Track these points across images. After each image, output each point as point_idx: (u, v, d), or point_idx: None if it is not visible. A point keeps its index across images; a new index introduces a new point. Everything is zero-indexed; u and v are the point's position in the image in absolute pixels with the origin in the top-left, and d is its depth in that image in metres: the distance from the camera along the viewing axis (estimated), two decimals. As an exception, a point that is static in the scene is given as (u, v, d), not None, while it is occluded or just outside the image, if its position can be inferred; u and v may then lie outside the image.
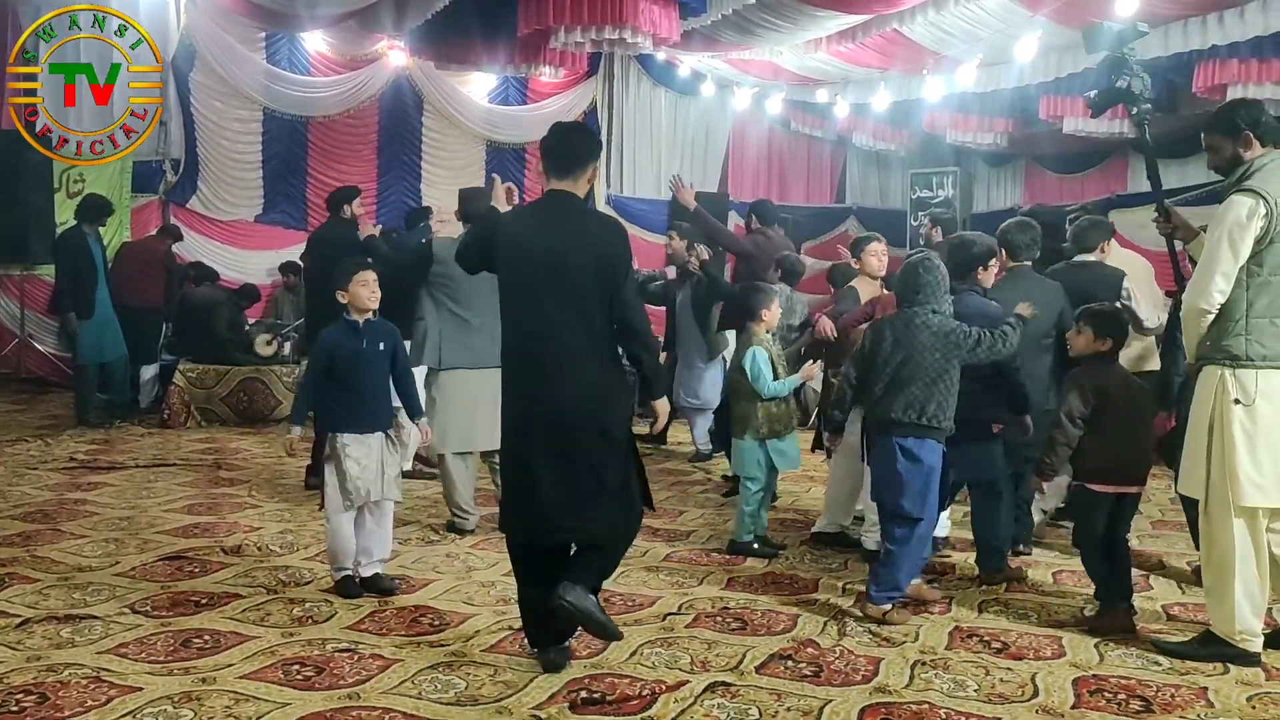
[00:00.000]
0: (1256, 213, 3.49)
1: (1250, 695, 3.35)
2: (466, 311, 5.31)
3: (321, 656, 3.53)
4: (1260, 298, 3.53)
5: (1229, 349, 3.57)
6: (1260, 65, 8.58)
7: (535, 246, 3.41)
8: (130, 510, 5.69)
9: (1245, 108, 3.75)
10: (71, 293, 8.36)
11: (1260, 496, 3.54)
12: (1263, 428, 3.53)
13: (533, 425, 3.41)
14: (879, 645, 3.78)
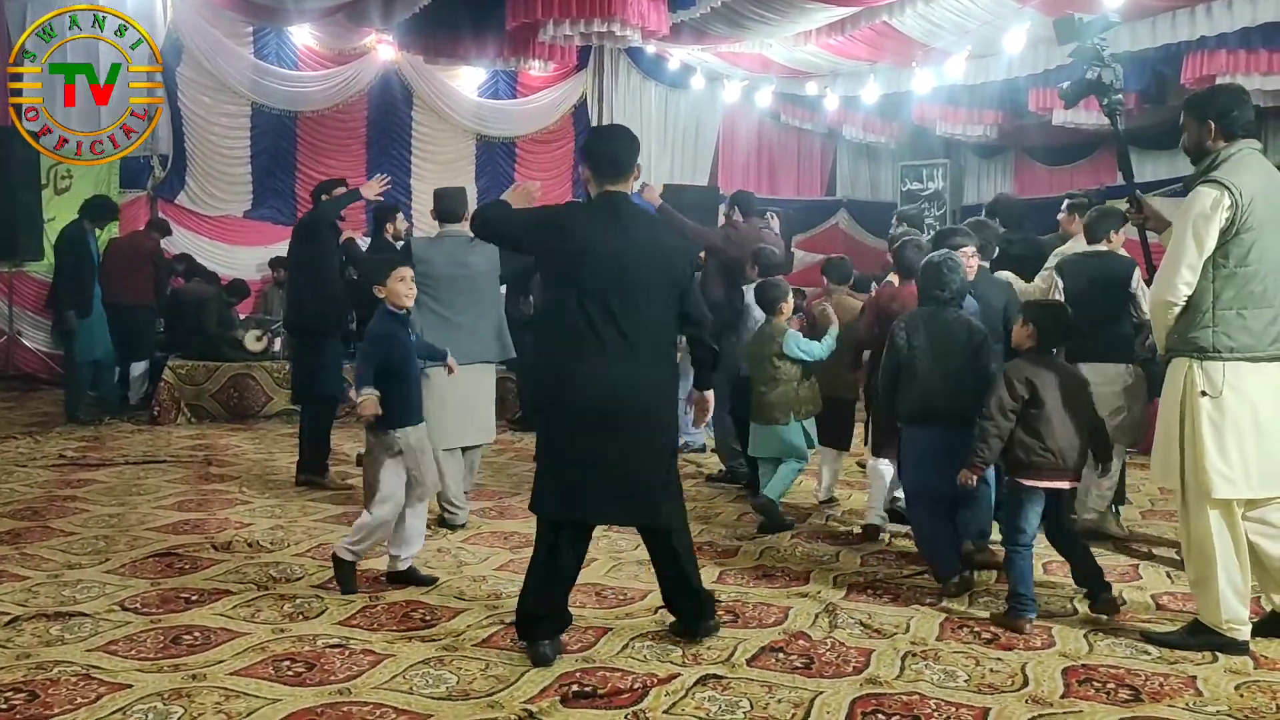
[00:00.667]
0: (1221, 204, 3.48)
1: (1239, 684, 3.36)
2: (447, 309, 5.40)
3: (312, 652, 3.53)
4: (1226, 290, 3.52)
5: (1196, 341, 3.56)
6: (1248, 56, 8.62)
7: (607, 247, 3.50)
8: (120, 507, 5.67)
9: (1220, 97, 3.73)
10: (72, 290, 8.38)
11: (1229, 489, 3.54)
12: (1230, 420, 3.53)
13: (598, 412, 3.48)
14: (870, 637, 3.79)
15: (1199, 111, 3.70)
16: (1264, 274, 3.51)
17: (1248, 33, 8.41)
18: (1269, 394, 3.58)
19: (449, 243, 5.61)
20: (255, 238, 10.91)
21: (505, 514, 5.79)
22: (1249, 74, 8.64)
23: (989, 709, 3.14)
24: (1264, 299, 3.52)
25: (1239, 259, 3.50)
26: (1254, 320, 3.52)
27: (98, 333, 8.50)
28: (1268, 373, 3.57)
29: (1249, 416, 3.55)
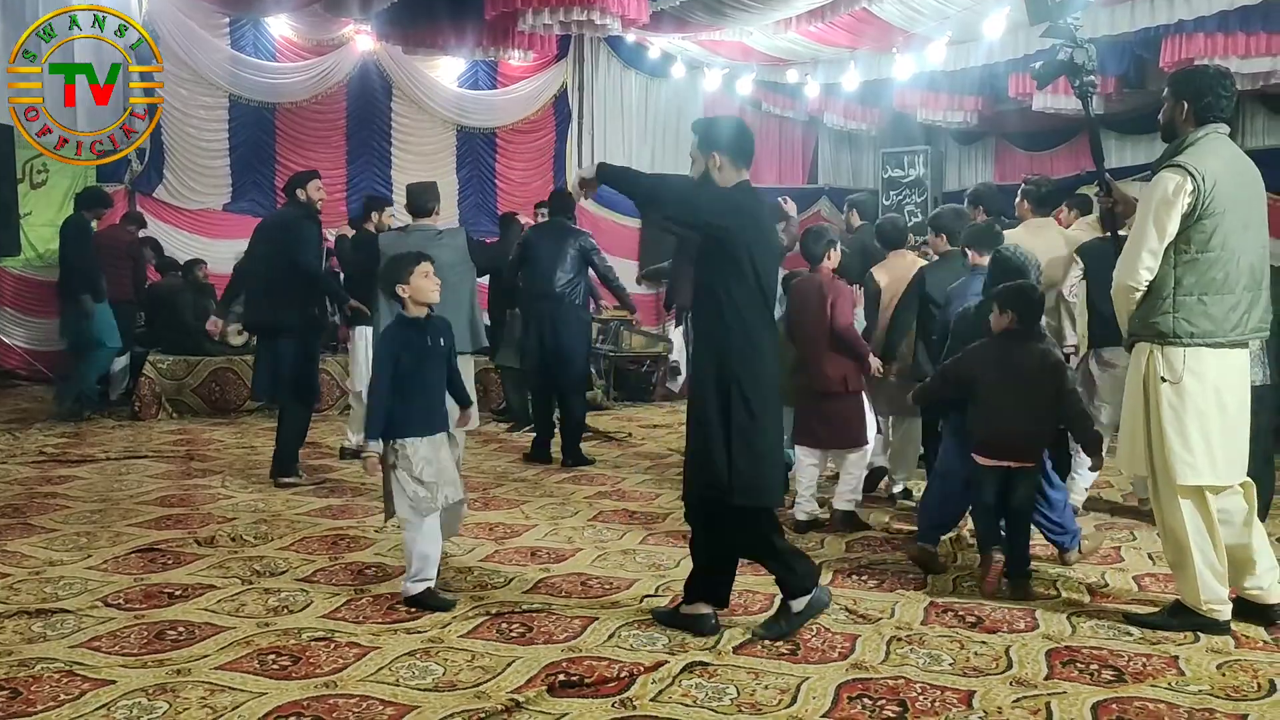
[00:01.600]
0: (1184, 189, 3.47)
1: (1220, 663, 3.39)
2: None
3: (297, 645, 3.51)
4: (1188, 275, 3.52)
5: (1157, 326, 3.56)
6: (1226, 39, 8.66)
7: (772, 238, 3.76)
8: (101, 503, 5.63)
9: (1198, 80, 3.69)
10: (88, 277, 8.43)
11: (1193, 475, 3.56)
12: (1191, 406, 3.54)
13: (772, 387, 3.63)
14: (855, 623, 3.80)
15: (1176, 90, 3.70)
16: (1226, 260, 3.51)
17: (1225, 16, 8.45)
18: (1230, 380, 3.60)
19: (416, 236, 5.74)
20: (235, 231, 10.78)
21: (490, 505, 5.78)
22: (1226, 57, 8.68)
23: (974, 691, 3.16)
24: (1225, 285, 3.52)
25: (1201, 245, 3.50)
26: (1215, 306, 3.52)
27: (109, 320, 8.55)
28: (1229, 359, 3.59)
29: (1211, 402, 3.56)
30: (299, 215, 6.22)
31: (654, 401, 10.36)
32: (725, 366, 3.53)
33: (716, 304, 3.55)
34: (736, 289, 3.52)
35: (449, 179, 12.17)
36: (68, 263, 8.49)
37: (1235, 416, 3.63)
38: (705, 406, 3.57)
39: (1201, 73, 3.77)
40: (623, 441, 8.04)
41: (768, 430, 3.57)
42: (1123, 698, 3.12)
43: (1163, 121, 3.75)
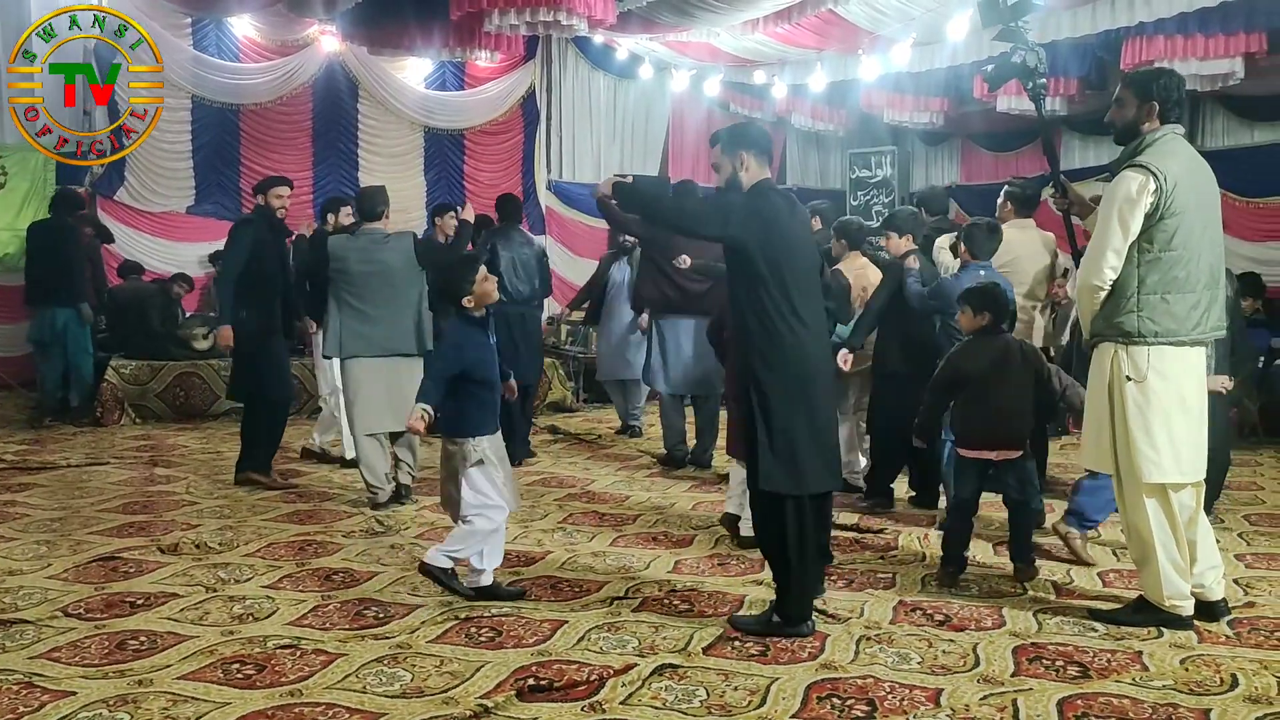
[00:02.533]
0: (1146, 189, 3.50)
1: (1183, 658, 3.43)
2: (364, 304, 5.70)
3: (262, 654, 3.47)
4: (1151, 274, 3.55)
5: (1121, 325, 3.60)
6: (1185, 41, 8.77)
7: (795, 236, 3.81)
8: (62, 511, 5.54)
9: (1165, 79, 3.74)
10: (87, 282, 8.48)
11: (1158, 473, 3.60)
12: (1155, 404, 3.58)
13: (815, 381, 3.74)
14: (825, 622, 3.80)
15: (1143, 90, 3.69)
16: (1187, 259, 3.54)
17: (1185, 18, 8.55)
18: (1192, 378, 3.65)
19: (363, 240, 5.84)
20: (199, 234, 10.67)
21: (459, 509, 5.73)
22: (1186, 59, 8.80)
23: (942, 690, 3.18)
24: (1187, 284, 3.55)
25: (1163, 244, 3.53)
26: (1177, 305, 3.55)
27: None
28: (1190, 357, 3.64)
29: (1175, 401, 3.60)
30: (249, 219, 6.25)
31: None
32: (748, 366, 3.72)
33: (739, 308, 3.75)
34: (756, 293, 3.67)
35: (416, 180, 12.08)
36: (55, 268, 8.36)
37: (1197, 414, 3.67)
38: (738, 404, 4.00)
39: (1165, 73, 3.81)
40: (592, 443, 8.03)
41: (791, 427, 3.65)
42: (1088, 694, 3.15)
43: (1120, 123, 3.76)
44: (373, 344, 5.67)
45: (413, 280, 5.82)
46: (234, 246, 6.11)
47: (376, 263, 5.71)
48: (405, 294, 5.77)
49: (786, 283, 3.66)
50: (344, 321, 5.69)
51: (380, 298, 5.69)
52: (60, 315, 8.37)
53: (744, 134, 3.91)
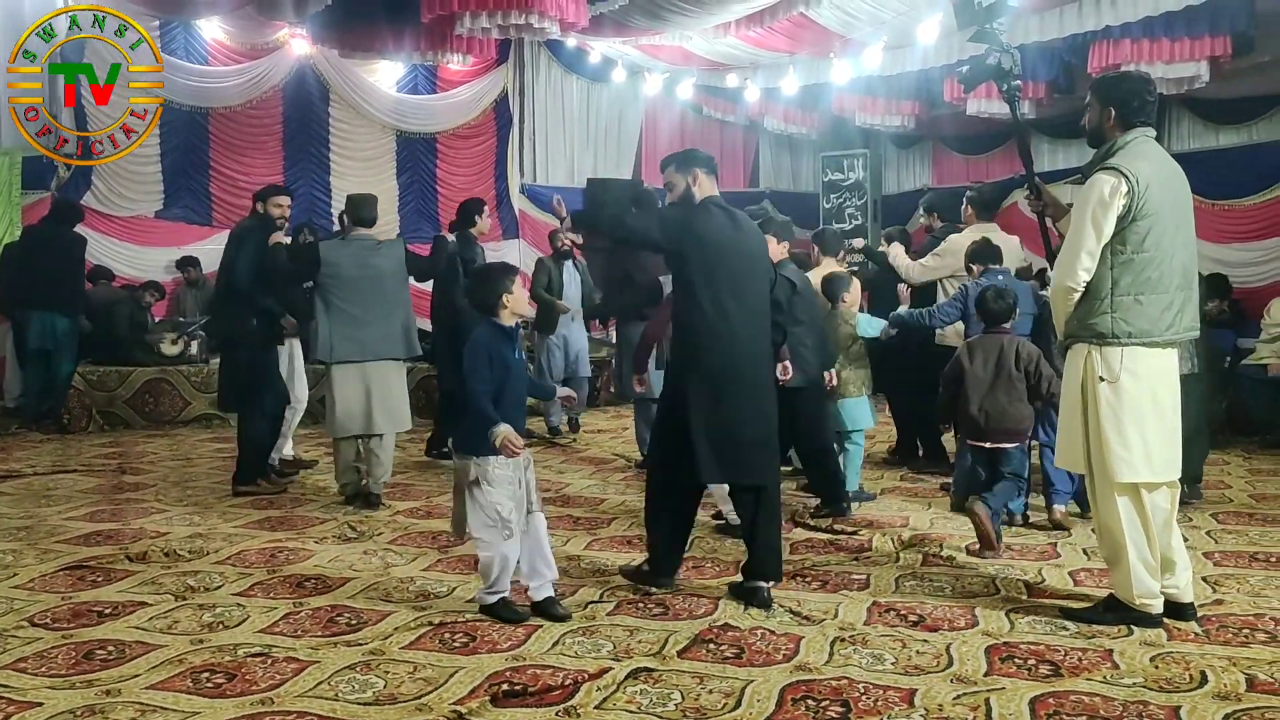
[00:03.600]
0: (1119, 191, 3.53)
1: (1154, 655, 3.46)
2: (355, 309, 5.77)
3: (233, 662, 3.43)
4: (1124, 275, 3.58)
5: (1095, 327, 3.63)
6: (1151, 45, 8.85)
7: (735, 246, 4.10)
8: (28, 519, 5.46)
9: (1125, 84, 3.79)
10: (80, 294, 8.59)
11: (1130, 472, 3.63)
12: (1128, 405, 3.61)
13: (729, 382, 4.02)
14: (799, 624, 3.81)
15: (1103, 96, 3.76)
16: (1160, 260, 3.57)
17: (1150, 22, 8.63)
18: (1165, 379, 3.68)
19: (355, 245, 5.92)
20: (168, 238, 10.57)
21: (433, 514, 5.71)
22: (1152, 62, 8.87)
23: (915, 690, 3.19)
24: (1160, 285, 3.58)
25: (1136, 245, 3.56)
26: (1151, 306, 3.58)
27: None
28: (1165, 358, 3.67)
29: (1148, 401, 3.63)
30: (251, 226, 6.20)
31: (599, 406, 10.33)
32: (674, 361, 4.17)
33: (676, 311, 4.15)
34: (688, 299, 4.04)
35: (389, 185, 12.01)
36: (56, 277, 8.31)
37: (1170, 415, 3.70)
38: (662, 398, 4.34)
39: (1126, 78, 3.89)
40: (566, 447, 8.01)
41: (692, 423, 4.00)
42: (1059, 692, 3.17)
43: (1089, 127, 3.82)
44: (364, 348, 5.75)
45: (401, 286, 5.96)
46: (243, 253, 6.04)
47: (369, 268, 5.81)
48: (395, 299, 5.89)
49: (720, 292, 3.99)
50: (334, 326, 5.74)
51: (371, 301, 5.78)
52: (60, 323, 8.29)
53: (695, 155, 4.29)
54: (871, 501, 5.94)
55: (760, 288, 4.19)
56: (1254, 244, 10.34)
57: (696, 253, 4.01)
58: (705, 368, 4.01)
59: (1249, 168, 10.55)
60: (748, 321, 4.08)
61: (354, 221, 6.01)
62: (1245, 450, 7.47)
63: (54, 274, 8.30)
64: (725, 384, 4.01)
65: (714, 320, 4.00)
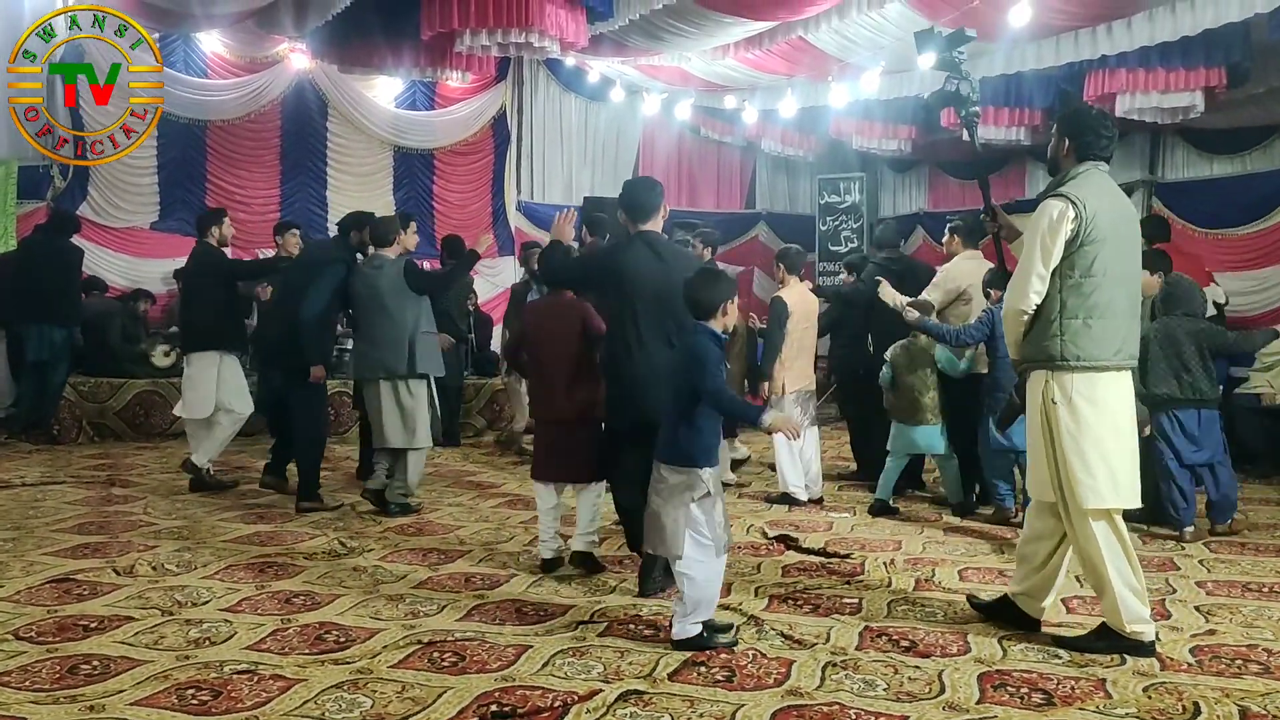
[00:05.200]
0: (1066, 216, 3.63)
1: (1146, 685, 3.44)
2: (366, 328, 6.06)
3: (219, 679, 3.39)
4: (1072, 299, 3.67)
5: (1047, 350, 3.71)
6: (1146, 74, 8.91)
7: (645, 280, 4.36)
8: (15, 531, 5.42)
9: (1082, 119, 3.90)
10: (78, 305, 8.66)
11: (1095, 498, 3.66)
12: (1085, 429, 3.65)
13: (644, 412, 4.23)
14: (791, 648, 3.79)
15: (1061, 128, 3.92)
16: (1107, 285, 3.66)
17: (1146, 52, 8.69)
18: (1122, 403, 3.74)
19: (366, 266, 6.13)
20: (163, 250, 10.53)
21: (424, 531, 5.68)
22: (1147, 92, 8.94)
23: (907, 717, 3.16)
24: (1108, 309, 3.67)
25: (1084, 270, 3.65)
26: (1099, 330, 3.66)
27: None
28: (1118, 382, 3.73)
29: (1108, 426, 3.68)
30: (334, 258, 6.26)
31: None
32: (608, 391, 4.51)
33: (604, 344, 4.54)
34: (612, 333, 4.43)
35: (386, 200, 12.01)
36: (55, 288, 8.32)
37: (1129, 439, 3.76)
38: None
39: (1087, 113, 4.01)
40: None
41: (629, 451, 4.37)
42: (1053, 721, 3.15)
43: (1049, 156, 3.99)
44: (376, 366, 5.97)
45: (405, 304, 5.98)
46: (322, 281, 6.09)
47: (372, 288, 5.99)
48: (397, 317, 5.95)
49: (639, 323, 4.30)
50: (356, 345, 6.18)
51: (376, 321, 5.97)
52: (58, 335, 8.27)
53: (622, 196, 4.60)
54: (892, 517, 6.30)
55: (678, 319, 4.17)
56: (1247, 273, 10.38)
57: (615, 289, 4.35)
58: (623, 397, 4.32)
59: (1243, 197, 10.61)
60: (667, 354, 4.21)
61: (374, 243, 6.17)
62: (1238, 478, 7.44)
63: (51, 285, 8.29)
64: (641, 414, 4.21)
65: (633, 352, 4.29)
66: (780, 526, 5.84)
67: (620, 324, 4.40)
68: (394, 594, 4.43)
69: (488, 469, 7.79)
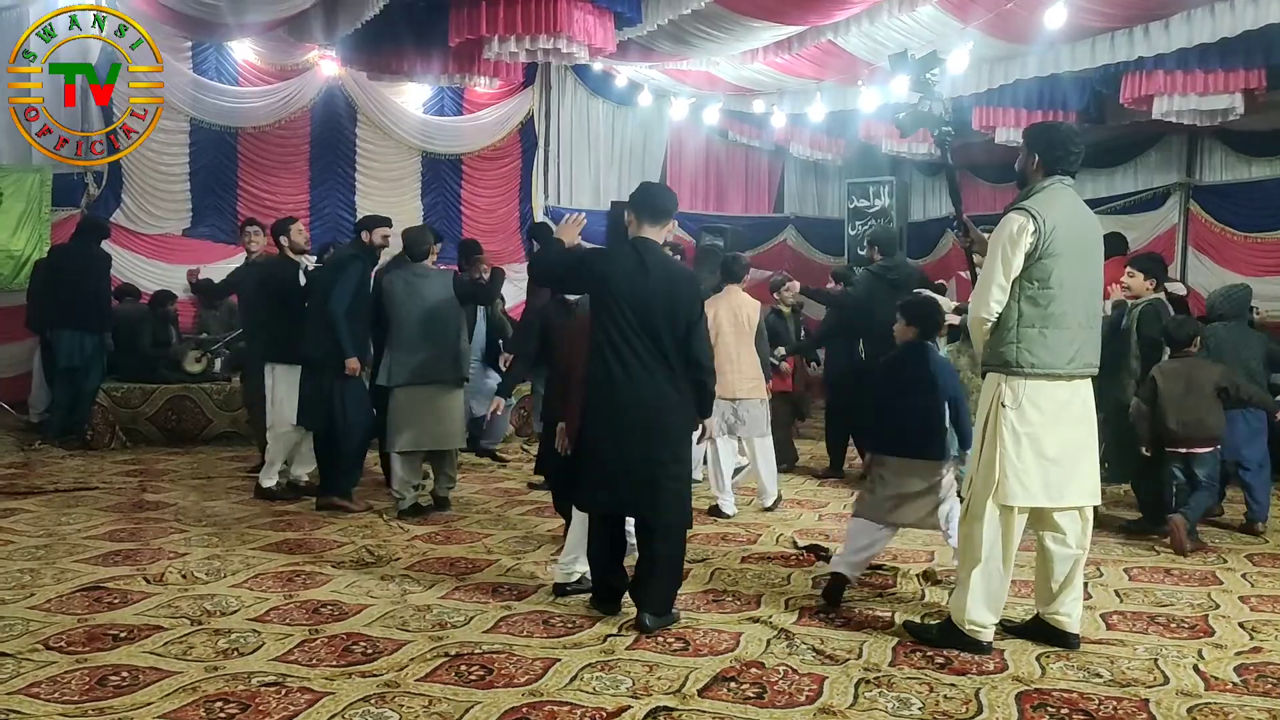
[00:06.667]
0: (1026, 229, 3.73)
1: (1191, 706, 3.35)
2: (410, 335, 6.12)
3: (246, 692, 3.38)
4: (1030, 309, 3.77)
5: (1003, 356, 3.82)
6: (1184, 76, 8.74)
7: (638, 287, 4.12)
8: (48, 538, 5.45)
9: (1051, 135, 4.02)
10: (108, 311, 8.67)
11: (1024, 496, 3.80)
12: (1029, 432, 3.79)
13: (612, 422, 4.13)
14: (823, 663, 3.73)
15: (1032, 142, 4.01)
16: (1063, 298, 3.76)
17: (1184, 54, 8.53)
18: (1068, 409, 3.84)
19: (408, 274, 6.25)
20: (195, 256, 10.61)
21: (452, 539, 5.66)
22: (1185, 94, 8.78)
23: (943, 737, 3.09)
24: (1064, 320, 3.77)
25: (1042, 281, 3.76)
26: (1054, 339, 3.77)
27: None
28: (1069, 389, 3.84)
29: (1049, 429, 3.80)
30: (353, 254, 6.42)
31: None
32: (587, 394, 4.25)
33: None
34: (594, 338, 4.18)
35: (413, 205, 12.05)
36: (85, 295, 8.36)
37: (1072, 443, 3.85)
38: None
39: (1057, 129, 4.17)
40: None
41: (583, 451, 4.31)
42: (1094, 743, 3.07)
43: (1017, 169, 4.07)
44: (417, 372, 6.08)
45: (451, 314, 6.22)
46: (343, 280, 6.19)
47: (418, 297, 6.13)
48: (447, 326, 6.20)
49: (620, 330, 4.08)
50: (397, 352, 6.12)
51: (426, 329, 6.12)
52: (89, 341, 8.34)
53: (637, 196, 4.38)
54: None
55: (666, 331, 4.10)
56: (1285, 278, 10.20)
57: (597, 294, 4.20)
58: (594, 403, 4.17)
59: (1282, 200, 10.42)
60: (647, 362, 4.10)
61: (409, 255, 6.32)
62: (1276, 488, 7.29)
63: (83, 292, 8.35)
64: (609, 422, 4.13)
65: (608, 359, 4.11)
66: (810, 536, 5.78)
67: (602, 341, 4.15)
68: (421, 604, 4.41)
69: (515, 475, 7.76)
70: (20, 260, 9.27)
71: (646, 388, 4.09)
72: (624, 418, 4.10)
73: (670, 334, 4.11)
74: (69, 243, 8.75)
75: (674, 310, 4.11)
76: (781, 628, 4.12)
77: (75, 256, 8.52)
